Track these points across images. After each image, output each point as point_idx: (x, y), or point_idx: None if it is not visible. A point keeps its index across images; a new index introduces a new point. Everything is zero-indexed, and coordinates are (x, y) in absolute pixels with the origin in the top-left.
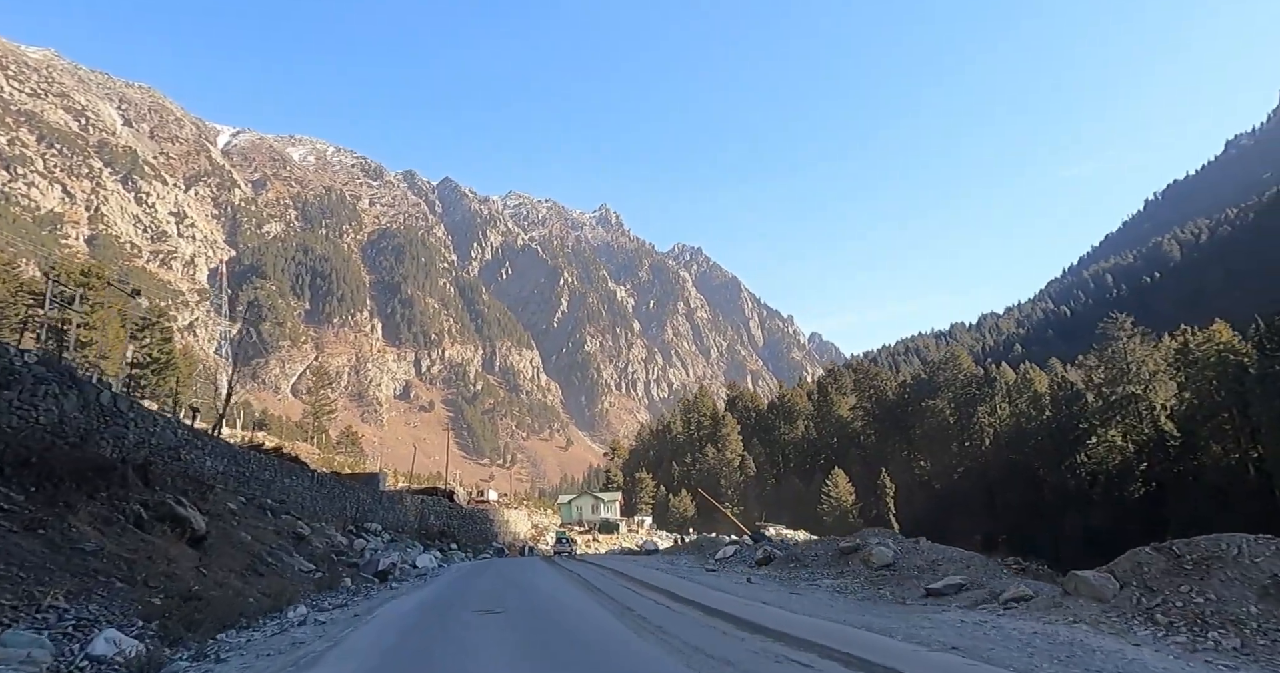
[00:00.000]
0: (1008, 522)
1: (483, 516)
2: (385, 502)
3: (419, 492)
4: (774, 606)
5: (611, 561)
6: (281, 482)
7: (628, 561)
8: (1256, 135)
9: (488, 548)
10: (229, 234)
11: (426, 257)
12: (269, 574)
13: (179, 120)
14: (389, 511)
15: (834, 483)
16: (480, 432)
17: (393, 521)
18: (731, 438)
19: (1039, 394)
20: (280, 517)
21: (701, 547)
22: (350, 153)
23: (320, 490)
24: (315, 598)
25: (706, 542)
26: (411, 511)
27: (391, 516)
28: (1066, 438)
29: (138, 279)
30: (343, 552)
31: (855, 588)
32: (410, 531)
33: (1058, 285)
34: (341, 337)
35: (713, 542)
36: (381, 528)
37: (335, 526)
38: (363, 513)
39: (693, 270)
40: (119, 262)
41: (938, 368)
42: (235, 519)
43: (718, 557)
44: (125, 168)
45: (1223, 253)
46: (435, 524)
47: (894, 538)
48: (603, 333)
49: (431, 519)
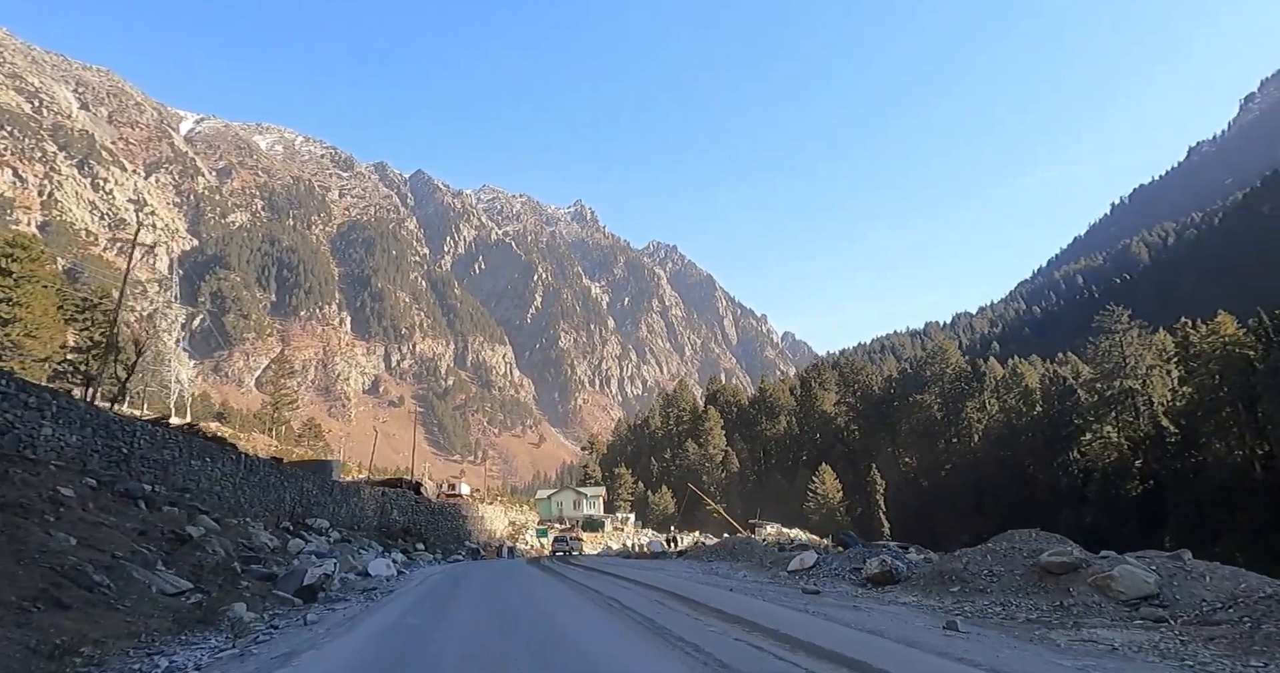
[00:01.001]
0: (997, 521)
1: (454, 511)
2: (337, 494)
3: (380, 483)
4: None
5: (625, 568)
6: (186, 465)
7: (647, 568)
8: (1218, 143)
9: (460, 549)
10: (191, 223)
11: (398, 250)
12: (86, 606)
13: (139, 105)
14: (342, 504)
15: (821, 480)
16: (451, 428)
17: (346, 516)
18: (714, 433)
19: (1029, 389)
20: (160, 509)
21: (737, 551)
22: (320, 143)
23: (249, 478)
24: (154, 647)
25: (741, 545)
26: (370, 505)
27: (345, 510)
28: (1059, 434)
29: (94, 268)
30: (259, 559)
31: (1143, 643)
32: (368, 528)
33: (1029, 286)
34: (309, 330)
35: (748, 545)
36: (329, 526)
37: (266, 522)
38: (307, 507)
39: (668, 268)
40: (74, 249)
41: (925, 362)
42: (57, 512)
43: (793, 569)
44: (81, 152)
45: (1191, 255)
46: (399, 521)
47: (1143, 558)
48: (577, 329)
49: (394, 515)
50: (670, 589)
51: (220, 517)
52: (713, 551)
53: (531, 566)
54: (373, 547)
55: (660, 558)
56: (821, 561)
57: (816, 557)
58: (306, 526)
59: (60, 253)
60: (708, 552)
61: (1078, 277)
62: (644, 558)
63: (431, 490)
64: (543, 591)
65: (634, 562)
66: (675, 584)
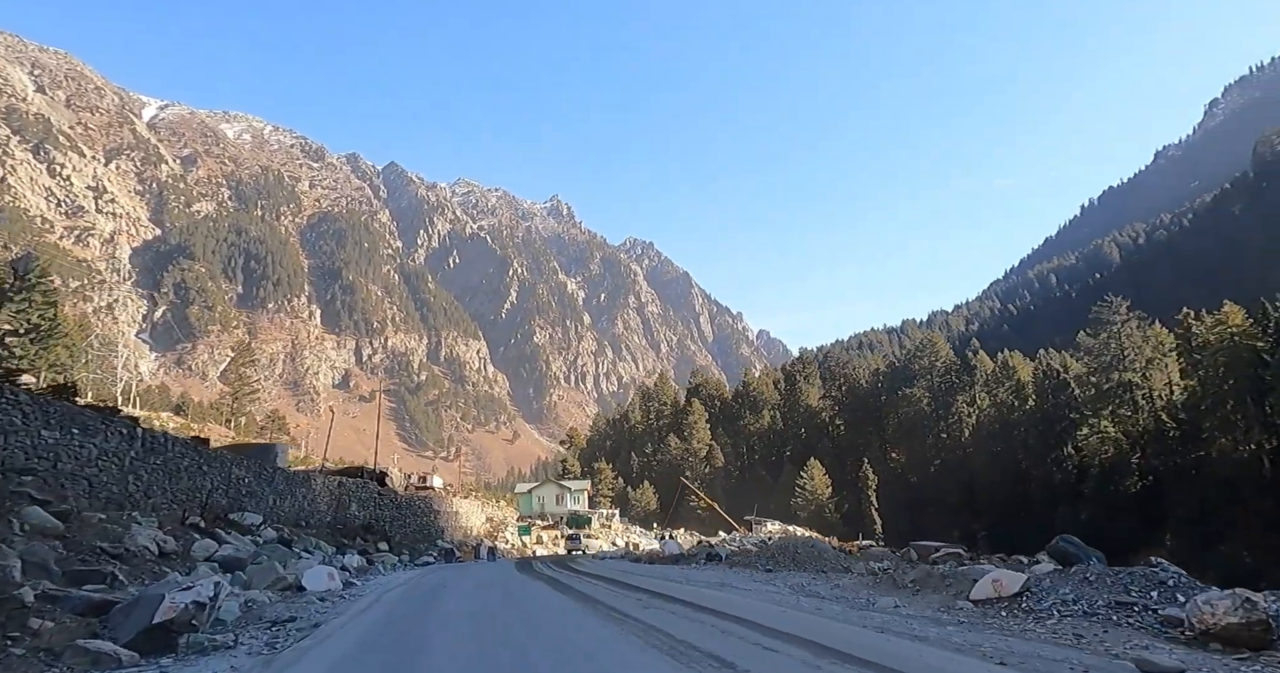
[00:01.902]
0: (989, 517)
1: (424, 506)
2: (280, 484)
3: (337, 472)
4: None
5: (657, 579)
6: (34, 437)
7: (700, 583)
8: (1183, 146)
9: (431, 549)
10: (154, 212)
11: (370, 242)
12: None
13: (99, 89)
14: (285, 496)
15: (809, 475)
16: (424, 423)
17: (290, 510)
18: (698, 426)
19: (1022, 383)
20: None
21: (800, 557)
22: (290, 132)
23: (147, 460)
24: None
25: (804, 549)
26: (323, 497)
27: (289, 504)
28: (1053, 429)
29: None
30: (103, 574)
31: None
32: (319, 525)
33: (1003, 285)
34: (277, 322)
35: (812, 549)
36: (262, 522)
37: (167, 517)
38: (236, 498)
39: (644, 264)
40: (27, 236)
41: (913, 356)
42: None
43: (980, 597)
44: (37, 137)
45: (1163, 254)
46: (358, 517)
47: None
48: (552, 325)
49: (353, 510)
50: (833, 646)
51: (78, 509)
52: (764, 555)
53: (524, 573)
54: (320, 549)
55: (682, 563)
56: (1040, 585)
57: (1025, 579)
58: (229, 522)
59: (13, 240)
60: (756, 557)
61: (1051, 276)
62: (661, 562)
63: (398, 482)
64: (575, 630)
65: (658, 570)
66: (808, 627)
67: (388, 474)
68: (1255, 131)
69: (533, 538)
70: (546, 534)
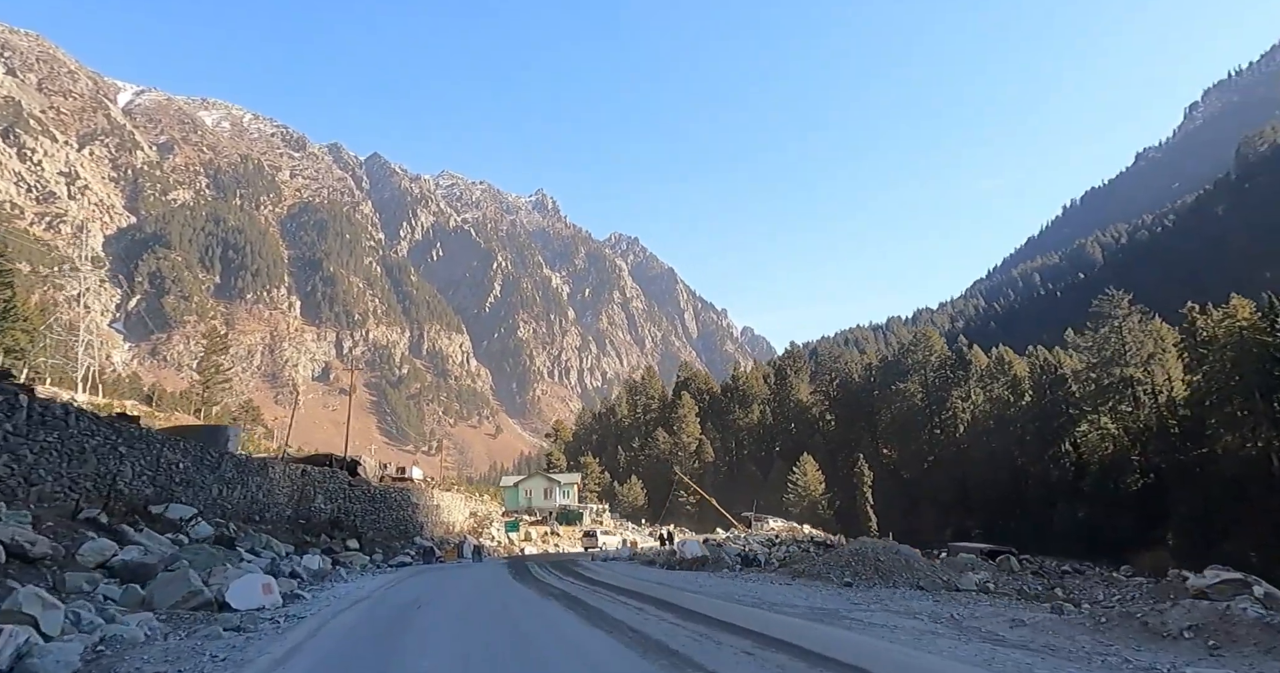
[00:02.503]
0: (984, 514)
1: (401, 499)
2: (228, 471)
3: (302, 460)
4: None
5: (778, 618)
6: None
7: (789, 608)
8: (1164, 149)
9: (408, 547)
10: (129, 199)
11: (352, 233)
12: None
13: (73, 73)
14: (234, 486)
15: (802, 471)
16: (405, 417)
17: (240, 502)
18: (688, 420)
19: (1018, 378)
20: None
21: (885, 567)
22: (270, 121)
23: (35, 437)
24: None
25: (888, 557)
26: (283, 488)
27: (238, 494)
28: (1051, 425)
29: (18, 243)
30: None
31: None
32: (278, 520)
33: (986, 284)
34: (255, 313)
35: (897, 556)
36: (196, 515)
37: (55, 509)
38: (166, 487)
39: (629, 260)
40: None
41: (907, 349)
42: None
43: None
44: (7, 120)
45: (1145, 254)
46: (324, 510)
47: None
48: (536, 319)
49: (318, 502)
50: None
51: None
52: (833, 564)
53: (524, 582)
54: (270, 549)
55: (710, 569)
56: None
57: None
58: (150, 516)
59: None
60: (824, 566)
61: (1035, 275)
62: (685, 567)
63: (372, 472)
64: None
65: (700, 582)
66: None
67: (361, 463)
68: (1235, 134)
69: (520, 535)
70: (535, 531)
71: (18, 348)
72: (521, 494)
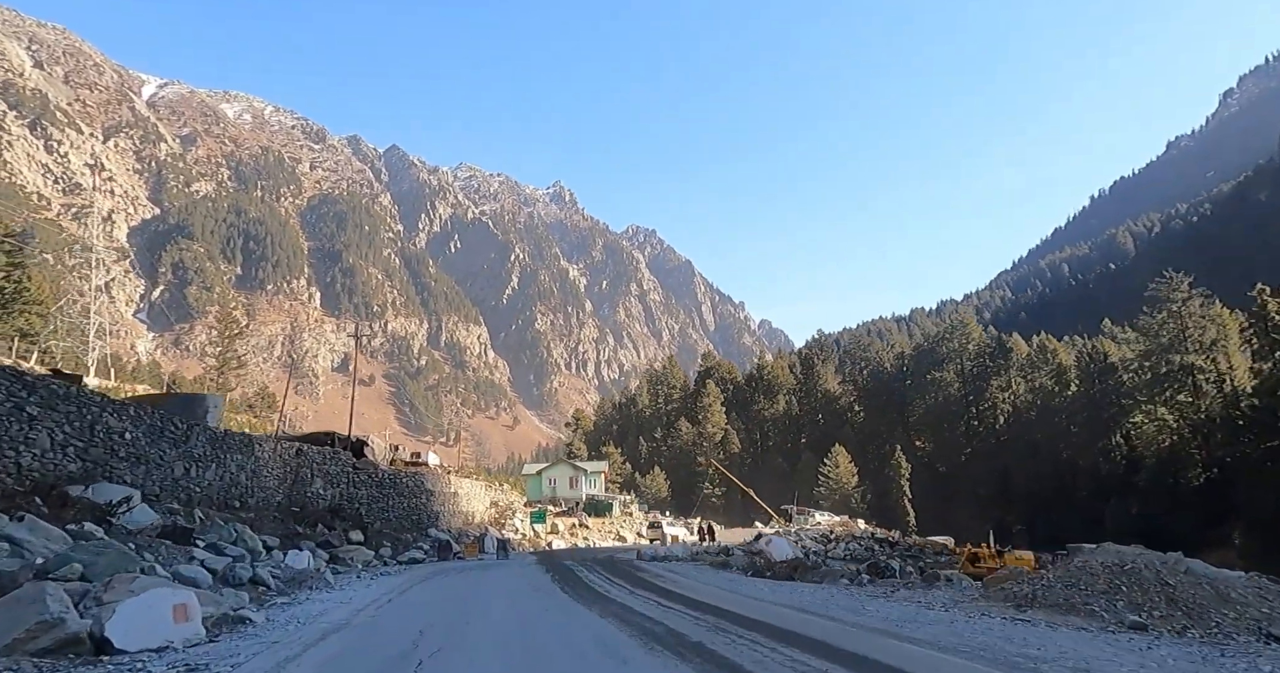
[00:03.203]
0: (1026, 510)
1: (415, 485)
2: (200, 446)
3: (298, 439)
4: None
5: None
6: None
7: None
8: (1196, 136)
9: (421, 540)
10: (153, 191)
11: (370, 225)
12: None
13: (98, 66)
14: (209, 465)
15: (834, 462)
16: (423, 408)
17: (217, 486)
18: (713, 409)
19: (1064, 367)
20: None
21: (1184, 593)
22: (290, 113)
23: None
24: None
25: (1227, 585)
26: (272, 468)
27: (214, 475)
28: (1100, 415)
29: (45, 233)
30: None
31: None
32: (264, 507)
33: (1012, 276)
34: (276, 304)
35: (1199, 583)
36: (128, 499)
37: None
38: (103, 462)
39: (646, 252)
40: (24, 213)
41: (942, 337)
42: None
43: None
44: (34, 112)
45: (1182, 243)
46: (323, 497)
47: None
48: (554, 311)
49: (316, 487)
50: None
51: None
52: (1083, 586)
53: (578, 597)
54: (242, 544)
55: (811, 578)
56: None
57: None
58: (62, 498)
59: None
60: (1063, 589)
61: (1063, 265)
62: (776, 575)
63: (382, 454)
64: None
65: (836, 600)
66: None
67: (368, 444)
68: (1273, 120)
69: (546, 527)
70: (562, 523)
71: (31, 331)
72: (545, 483)
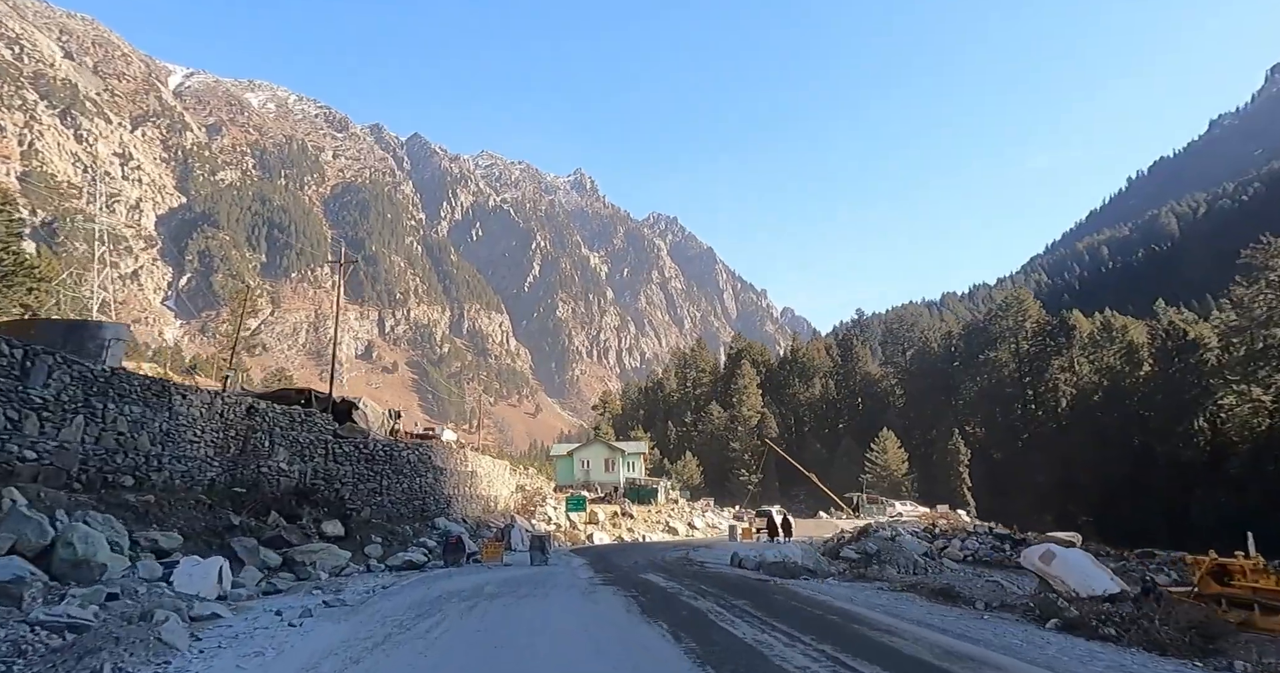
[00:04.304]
0: (1093, 500)
1: (419, 461)
2: (59, 391)
3: (258, 395)
4: None
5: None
6: None
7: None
8: (1241, 114)
9: (427, 533)
10: (179, 180)
11: (393, 213)
12: None
13: (126, 56)
14: (66, 419)
15: (881, 447)
16: (446, 395)
17: (91, 453)
18: (749, 391)
19: (1134, 345)
20: None
21: None
22: (313, 102)
23: None
24: None
25: None
26: (205, 434)
27: (78, 438)
28: (1180, 398)
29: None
30: None
31: None
32: (186, 487)
33: (1048, 259)
34: (300, 292)
35: None
36: None
37: None
38: None
39: (668, 240)
40: (54, 201)
41: (995, 315)
42: None
43: None
44: (64, 102)
45: (1232, 222)
46: (287, 473)
47: None
48: (575, 299)
49: (278, 460)
50: None
51: None
52: None
53: None
54: (83, 548)
55: None
56: None
57: None
58: None
59: (40, 205)
60: None
61: (1103, 248)
62: (1069, 622)
63: (374, 420)
64: None
65: None
66: None
67: (358, 406)
68: None
69: (584, 515)
70: (602, 511)
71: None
72: (577, 466)
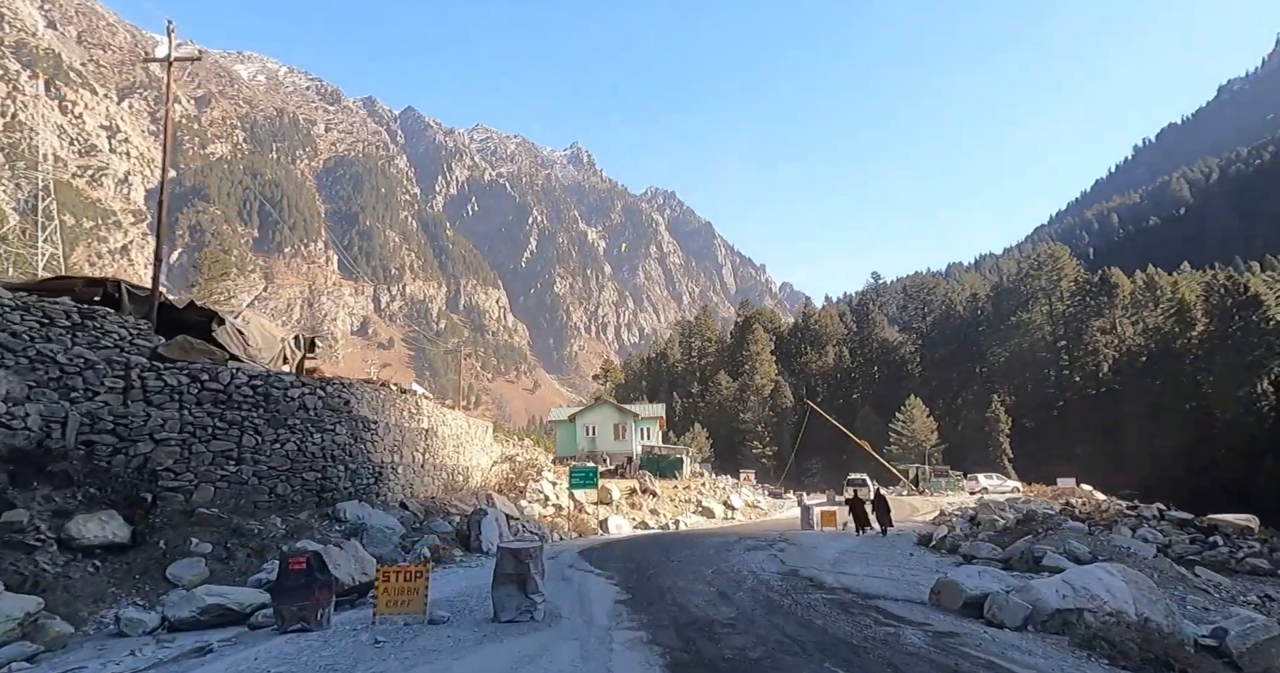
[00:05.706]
0: (1141, 470)
1: (329, 410)
2: None
3: (19, 288)
4: None
5: None
6: None
7: None
8: (1251, 79)
9: (319, 529)
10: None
11: (387, 187)
12: None
13: (111, 27)
14: None
15: (908, 416)
16: (443, 371)
17: None
18: (761, 358)
19: (1187, 304)
20: None
21: None
22: (305, 74)
23: None
24: None
25: None
26: None
27: None
28: (1240, 360)
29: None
30: None
31: None
32: None
33: (1055, 227)
34: (293, 267)
35: None
36: None
37: None
38: None
39: (666, 214)
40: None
41: (1027, 274)
42: None
43: None
44: (48, 73)
45: (1247, 186)
46: (14, 418)
47: None
48: (573, 274)
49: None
50: None
51: None
52: None
53: None
54: None
55: None
56: None
57: None
58: None
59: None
60: None
61: (1113, 215)
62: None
63: (266, 349)
64: None
65: None
66: None
67: (224, 320)
68: None
69: (595, 494)
70: (616, 487)
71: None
72: (581, 433)
